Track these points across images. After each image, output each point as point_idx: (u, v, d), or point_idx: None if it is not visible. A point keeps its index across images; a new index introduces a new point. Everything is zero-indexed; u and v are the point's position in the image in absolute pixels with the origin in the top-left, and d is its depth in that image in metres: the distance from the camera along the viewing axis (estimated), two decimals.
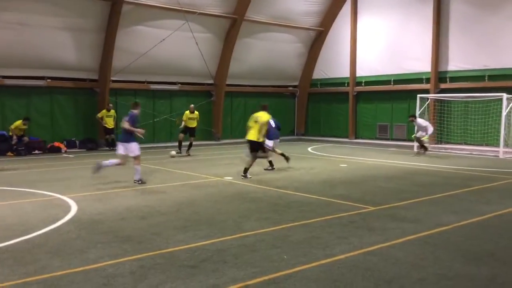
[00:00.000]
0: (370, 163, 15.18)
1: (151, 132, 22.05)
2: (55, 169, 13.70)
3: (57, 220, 7.45)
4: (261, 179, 11.54)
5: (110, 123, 19.39)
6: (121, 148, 11.04)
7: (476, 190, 10.21)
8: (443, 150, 18.59)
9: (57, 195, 9.50)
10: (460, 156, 17.15)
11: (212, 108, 23.41)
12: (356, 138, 24.42)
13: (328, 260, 5.53)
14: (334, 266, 5.35)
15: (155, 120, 21.60)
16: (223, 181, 11.27)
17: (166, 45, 20.05)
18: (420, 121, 17.56)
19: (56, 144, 18.80)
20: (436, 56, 20.91)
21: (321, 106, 26.28)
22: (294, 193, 9.83)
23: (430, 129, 17.34)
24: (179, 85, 22.53)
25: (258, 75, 24.96)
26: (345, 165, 14.43)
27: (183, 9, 20.18)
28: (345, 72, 24.73)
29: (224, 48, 22.84)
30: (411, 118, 17.89)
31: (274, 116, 13.23)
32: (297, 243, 6.20)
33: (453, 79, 20.68)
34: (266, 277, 4.97)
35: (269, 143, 12.96)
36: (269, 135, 12.64)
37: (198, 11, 20.48)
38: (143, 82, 21.53)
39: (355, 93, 24.41)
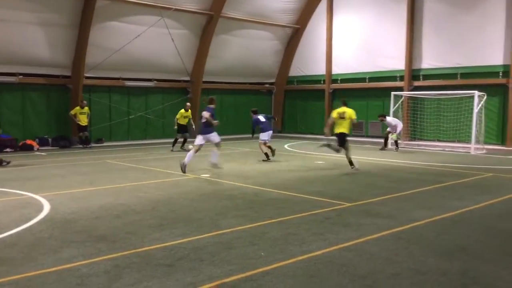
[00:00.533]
0: (345, 159, 15.30)
1: (126, 130, 21.81)
2: (27, 168, 13.40)
3: (29, 219, 7.29)
4: (238, 176, 11.53)
5: (83, 120, 19.07)
6: (201, 139, 12.08)
7: (448, 186, 10.43)
8: (417, 147, 18.92)
9: (29, 194, 9.30)
10: (433, 153, 17.50)
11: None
12: (332, 135, 24.59)
13: (305, 256, 5.57)
14: (311, 262, 5.39)
15: (130, 117, 21.34)
16: (200, 179, 11.22)
17: (141, 42, 19.82)
18: (389, 119, 17.88)
19: (28, 141, 18.39)
20: (410, 54, 21.25)
21: (298, 103, 26.42)
22: (271, 190, 9.85)
23: (399, 128, 17.70)
24: (155, 82, 22.31)
25: (234, 72, 24.93)
26: (322, 162, 14.55)
27: (159, 5, 19.98)
28: (321, 70, 24.91)
29: (201, 44, 22.72)
30: (380, 118, 18.17)
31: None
32: (274, 240, 6.22)
33: (426, 77, 21.07)
34: (243, 275, 4.98)
35: (263, 136, 14.52)
36: (262, 128, 14.43)
37: (174, 7, 20.30)
38: (117, 79, 21.25)
39: (331, 91, 24.62)
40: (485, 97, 17.76)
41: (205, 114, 11.97)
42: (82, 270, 5.12)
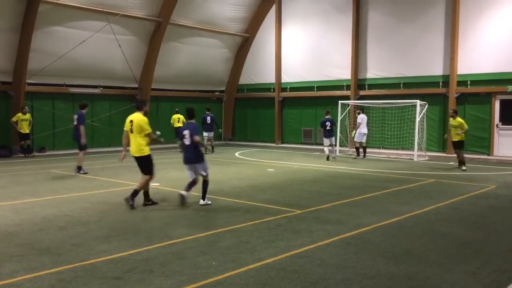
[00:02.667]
0: (296, 167, 15.54)
1: (71, 138, 21.01)
2: None
3: None
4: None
5: (25, 128, 18.23)
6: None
7: (394, 192, 10.78)
8: (364, 154, 19.45)
9: None
10: (378, 160, 18.06)
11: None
12: (282, 142, 24.90)
13: (257, 264, 5.57)
14: (263, 270, 5.39)
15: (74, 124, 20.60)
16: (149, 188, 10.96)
17: (87, 47, 19.23)
18: (362, 116, 18.42)
19: None
20: (356, 64, 21.91)
21: (248, 111, 26.54)
22: (222, 198, 9.80)
23: (361, 130, 18.25)
24: (101, 88, 21.71)
25: (184, 79, 24.71)
26: (272, 170, 14.66)
27: (105, 10, 19.50)
28: (271, 78, 25.17)
29: (149, 51, 22.37)
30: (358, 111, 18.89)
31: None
32: (225, 249, 6.18)
33: (371, 86, 21.78)
34: (194, 285, 4.90)
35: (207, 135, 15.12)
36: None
37: (121, 12, 19.88)
38: (62, 85, 20.50)
39: (280, 99, 24.92)
40: (426, 106, 18.57)
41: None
42: (25, 285, 4.86)
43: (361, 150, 18.48)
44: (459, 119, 14.74)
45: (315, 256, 5.90)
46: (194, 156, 8.93)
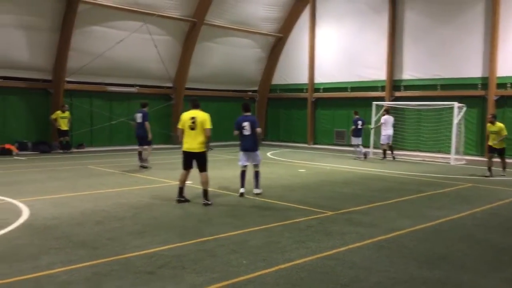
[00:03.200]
0: (328, 168, 15.43)
1: (108, 135, 21.58)
2: (5, 172, 13.13)
3: (7, 225, 7.14)
4: (220, 184, 11.49)
5: (64, 125, 18.81)
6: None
7: (429, 196, 10.56)
8: (398, 157, 19.13)
9: (8, 199, 9.11)
10: (414, 163, 17.71)
11: (171, 111, 23.14)
12: (314, 143, 24.76)
13: (287, 264, 5.57)
14: (293, 270, 5.38)
15: (112, 123, 21.12)
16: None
17: (124, 47, 19.67)
18: (387, 118, 18.54)
19: (7, 146, 18.02)
20: (391, 65, 21.54)
21: (280, 111, 26.51)
22: (254, 198, 9.84)
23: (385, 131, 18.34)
24: (137, 87, 22.15)
25: (217, 79, 24.91)
26: (304, 170, 14.60)
27: (142, 10, 19.89)
28: (304, 79, 25.06)
29: (183, 51, 22.66)
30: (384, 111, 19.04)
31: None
32: (256, 248, 6.20)
33: (407, 88, 21.36)
34: (225, 283, 4.95)
35: None
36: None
37: (157, 13, 20.23)
38: (99, 84, 21.03)
39: (313, 99, 24.77)
40: (464, 109, 18.09)
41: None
42: (62, 277, 5.02)
43: (388, 151, 18.36)
44: (499, 124, 14.03)
45: (346, 259, 5.85)
46: (253, 145, 10.00)
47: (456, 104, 17.69)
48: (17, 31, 17.96)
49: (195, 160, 9.06)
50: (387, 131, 18.27)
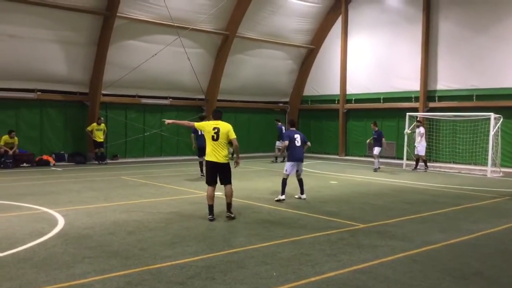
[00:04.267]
0: (359, 180, 15.23)
1: (141, 147, 21.98)
2: (42, 183, 13.55)
3: (44, 234, 7.35)
4: (251, 196, 11.51)
5: (100, 136, 19.31)
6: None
7: (464, 209, 10.27)
8: (432, 168, 18.72)
9: (44, 209, 9.39)
10: (448, 175, 17.28)
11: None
12: (346, 155, 24.51)
13: (318, 277, 5.51)
14: (324, 284, 5.32)
15: (145, 134, 21.53)
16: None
17: (157, 60, 20.05)
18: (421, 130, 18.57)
19: (45, 157, 18.63)
20: (425, 75, 21.17)
21: (312, 122, 26.40)
22: (284, 209, 9.81)
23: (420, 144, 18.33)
24: (170, 99, 22.54)
25: (249, 91, 25.09)
26: (335, 182, 14.46)
27: (176, 24, 20.26)
28: (335, 90, 24.92)
29: (216, 63, 22.95)
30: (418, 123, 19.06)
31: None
32: (286, 260, 6.17)
33: (442, 98, 20.92)
34: None
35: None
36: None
37: (191, 27, 20.59)
38: (134, 96, 21.52)
39: (345, 111, 24.58)
40: (501, 120, 17.57)
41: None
42: (95, 286, 5.12)
43: (421, 163, 18.56)
44: None
45: (378, 272, 5.74)
46: (302, 157, 11.16)
47: (492, 115, 17.20)
48: (56, 45, 18.62)
49: (219, 172, 8.75)
50: (423, 142, 18.32)
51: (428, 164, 18.64)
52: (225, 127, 8.77)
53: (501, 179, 16.03)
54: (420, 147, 18.36)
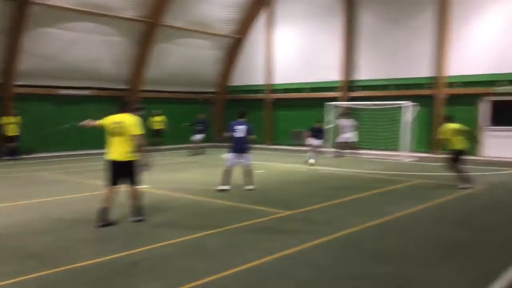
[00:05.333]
0: (286, 168, 15.56)
1: (60, 140, 20.88)
2: None
3: None
4: (178, 188, 11.37)
5: (13, 130, 18.09)
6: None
7: (383, 192, 10.83)
8: (353, 155, 19.53)
9: None
10: (368, 161, 18.13)
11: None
12: (273, 144, 24.92)
13: (245, 266, 5.56)
14: (251, 272, 5.39)
15: (64, 127, 20.44)
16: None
17: (77, 49, 19.15)
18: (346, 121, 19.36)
19: None
20: (347, 66, 21.99)
21: (238, 112, 26.41)
22: (211, 200, 9.79)
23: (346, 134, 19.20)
24: (91, 90, 21.59)
25: (175, 81, 24.65)
26: (263, 171, 14.65)
27: (96, 11, 19.42)
28: (262, 80, 25.18)
29: (139, 53, 22.27)
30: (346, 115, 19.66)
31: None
32: (213, 251, 6.17)
33: (363, 88, 21.85)
34: (181, 287, 4.89)
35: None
36: None
37: (112, 14, 19.82)
38: (51, 87, 20.36)
39: (271, 100, 24.93)
40: (416, 107, 18.67)
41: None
42: None
43: (348, 150, 19.37)
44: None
45: (303, 258, 5.91)
46: (243, 148, 11.01)
47: (408, 104, 18.24)
48: None
49: (121, 172, 7.65)
50: (346, 134, 19.25)
51: (348, 150, 19.53)
52: (129, 121, 7.64)
53: (415, 164, 17.08)
54: (351, 134, 19.28)
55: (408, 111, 18.19)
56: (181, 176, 13.57)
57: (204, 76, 26.02)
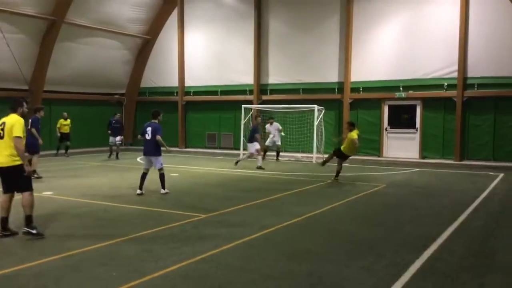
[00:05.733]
0: (200, 171, 15.46)
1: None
2: None
3: None
4: (86, 193, 10.82)
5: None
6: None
7: (295, 193, 11.16)
8: (266, 157, 19.92)
9: None
10: (280, 163, 18.60)
11: (27, 116, 21.15)
12: (186, 147, 24.65)
13: (161, 272, 5.43)
14: (167, 278, 5.27)
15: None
16: (42, 197, 10.20)
17: None
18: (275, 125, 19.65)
19: None
20: (258, 69, 22.40)
21: (150, 115, 25.74)
22: (123, 205, 9.44)
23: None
24: None
25: (81, 81, 23.43)
26: (176, 174, 14.43)
27: None
28: (174, 82, 24.81)
29: (41, 51, 20.89)
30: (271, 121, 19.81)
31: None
32: (127, 258, 5.94)
33: (273, 92, 22.39)
34: None
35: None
36: None
37: (11, 9, 18.39)
38: None
39: (184, 103, 24.66)
40: (323, 111, 19.52)
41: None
42: None
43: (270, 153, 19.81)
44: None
45: (220, 260, 5.90)
46: (152, 150, 10.65)
47: (316, 107, 19.03)
48: None
49: (6, 178, 7.00)
50: (272, 137, 19.61)
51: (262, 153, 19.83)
52: (11, 121, 6.89)
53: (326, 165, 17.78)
54: (277, 138, 19.55)
55: (316, 114, 18.97)
56: (91, 181, 12.93)
57: (113, 77, 25.05)
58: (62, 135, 20.20)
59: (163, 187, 10.82)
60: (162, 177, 10.79)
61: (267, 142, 19.62)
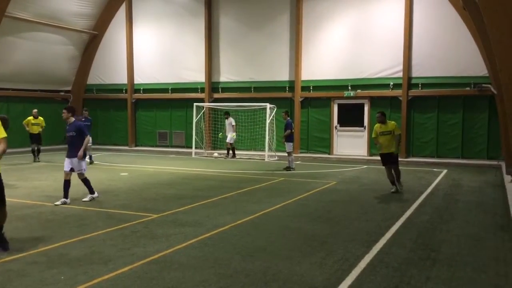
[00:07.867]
0: (151, 170, 15.19)
1: None
2: None
3: None
4: (30, 194, 10.36)
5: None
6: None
7: (248, 191, 11.19)
8: (219, 156, 19.87)
9: None
10: (232, 161, 18.60)
11: None
12: (136, 145, 24.14)
13: (111, 274, 5.29)
14: (118, 280, 5.14)
15: None
16: None
17: None
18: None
19: None
20: (209, 67, 22.25)
21: (98, 113, 25.09)
22: (70, 206, 9.12)
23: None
24: None
25: (24, 78, 22.43)
26: (126, 174, 14.11)
27: None
28: (123, 79, 24.21)
29: None
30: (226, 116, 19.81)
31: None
32: (76, 261, 5.75)
33: (225, 90, 22.32)
34: None
35: None
36: None
37: None
38: None
39: (133, 100, 24.13)
40: (275, 109, 19.68)
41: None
42: None
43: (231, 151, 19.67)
44: (391, 122, 11.31)
45: (172, 261, 5.82)
46: (72, 152, 9.49)
47: (268, 105, 19.15)
48: None
49: None
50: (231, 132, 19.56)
51: (213, 151, 19.80)
52: None
53: (277, 162, 17.98)
54: (230, 135, 19.46)
55: (267, 112, 19.10)
56: (35, 181, 12.40)
57: (58, 74, 24.14)
58: (31, 136, 17.77)
59: (92, 192, 9.87)
60: (87, 182, 9.77)
61: (228, 139, 19.55)
